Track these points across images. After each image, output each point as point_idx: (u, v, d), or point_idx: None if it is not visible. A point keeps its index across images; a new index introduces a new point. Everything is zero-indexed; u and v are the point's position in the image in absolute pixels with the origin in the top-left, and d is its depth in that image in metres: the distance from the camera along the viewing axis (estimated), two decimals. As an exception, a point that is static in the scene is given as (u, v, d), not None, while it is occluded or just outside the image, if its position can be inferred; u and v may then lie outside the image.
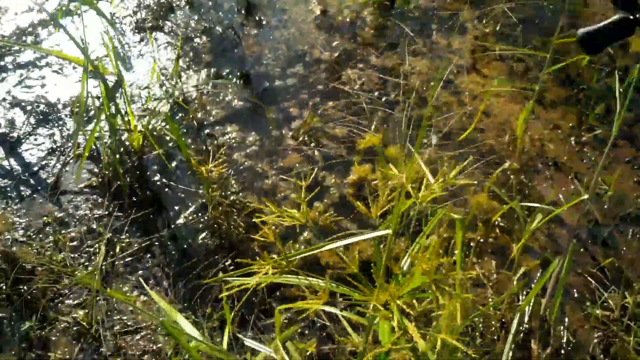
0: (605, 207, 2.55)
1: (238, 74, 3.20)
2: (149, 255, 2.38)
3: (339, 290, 1.03)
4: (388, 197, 1.00)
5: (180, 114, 2.94)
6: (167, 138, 2.80)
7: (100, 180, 2.59)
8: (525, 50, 3.18)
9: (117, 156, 2.48)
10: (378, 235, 1.01)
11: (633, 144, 2.85)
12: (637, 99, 3.10)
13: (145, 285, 2.08)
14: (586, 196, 1.79)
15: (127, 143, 2.69)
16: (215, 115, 2.96)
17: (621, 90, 1.77)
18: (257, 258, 1.02)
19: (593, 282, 2.27)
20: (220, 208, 2.42)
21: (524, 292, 2.24)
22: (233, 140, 2.83)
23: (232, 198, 2.54)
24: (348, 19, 3.65)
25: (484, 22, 3.58)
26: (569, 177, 2.68)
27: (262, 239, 1.02)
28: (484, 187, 2.48)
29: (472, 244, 2.38)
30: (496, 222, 2.46)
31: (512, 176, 2.64)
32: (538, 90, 2.41)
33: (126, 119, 2.57)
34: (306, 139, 2.84)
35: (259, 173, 2.68)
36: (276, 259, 0.99)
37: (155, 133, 2.76)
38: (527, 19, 3.56)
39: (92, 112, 2.92)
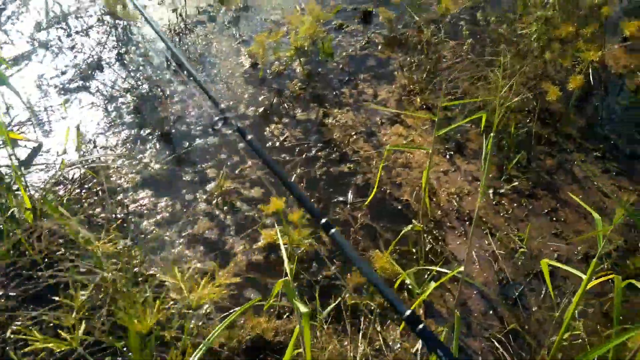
0: (519, 263, 2.49)
1: (158, 134, 3.16)
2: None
3: None
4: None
5: (94, 181, 2.89)
6: (77, 207, 2.75)
7: None
8: (421, 115, 3.15)
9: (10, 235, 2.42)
10: None
11: (553, 195, 2.79)
12: (560, 142, 3.07)
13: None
14: (462, 268, 1.72)
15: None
16: (130, 180, 2.91)
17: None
18: None
19: (499, 347, 2.20)
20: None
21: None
22: (144, 208, 2.78)
23: (135, 270, 2.48)
24: (277, 71, 3.64)
25: (413, 69, 3.56)
26: (484, 232, 2.63)
27: None
28: (388, 250, 2.42)
29: (378, 310, 2.31)
30: (405, 286, 2.40)
31: (424, 235, 2.59)
32: (431, 150, 2.37)
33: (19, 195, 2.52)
34: (219, 202, 2.79)
35: (167, 242, 2.63)
36: None
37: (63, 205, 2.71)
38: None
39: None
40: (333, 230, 1.46)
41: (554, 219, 2.68)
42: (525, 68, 2.96)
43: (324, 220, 1.49)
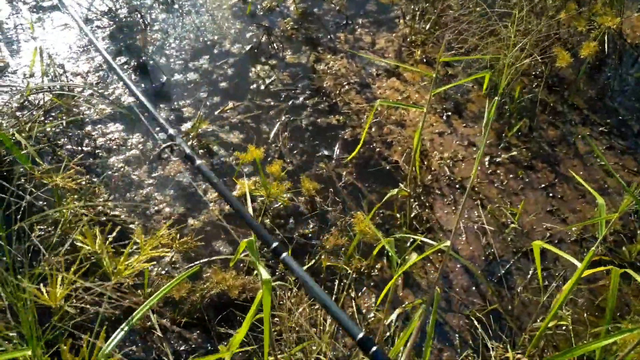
0: (509, 239, 2.32)
1: (134, 64, 2.90)
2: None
3: None
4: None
5: (60, 110, 2.65)
6: (41, 136, 2.53)
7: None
8: (413, 69, 2.91)
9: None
10: None
11: (553, 169, 2.61)
12: (565, 112, 2.86)
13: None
14: (448, 242, 1.53)
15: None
16: (100, 112, 2.68)
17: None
18: None
19: (479, 327, 2.05)
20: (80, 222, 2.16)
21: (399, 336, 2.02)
22: (113, 143, 2.56)
23: (99, 208, 2.29)
24: (268, 7, 3.35)
25: (416, 17, 3.29)
26: (475, 203, 2.45)
27: None
28: (370, 214, 2.23)
29: (354, 275, 2.15)
30: (385, 252, 2.23)
31: (411, 200, 2.40)
32: (426, 110, 2.15)
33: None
34: (194, 144, 2.57)
35: (135, 182, 2.42)
36: None
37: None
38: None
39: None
40: (284, 255, 1.47)
41: (551, 194, 2.50)
42: (540, 27, 2.71)
43: (275, 245, 1.50)
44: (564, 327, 1.99)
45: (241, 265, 2.16)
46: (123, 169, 2.45)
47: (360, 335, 1.26)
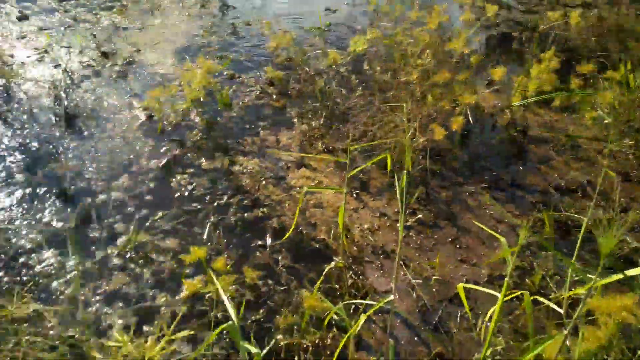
0: (434, 290, 2.65)
1: (56, 191, 2.99)
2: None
3: None
4: None
5: (-12, 245, 2.66)
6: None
7: None
8: (327, 157, 3.34)
9: None
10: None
11: (454, 224, 3.03)
12: (450, 176, 3.35)
13: None
14: (392, 297, 1.82)
15: None
16: (32, 240, 2.72)
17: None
18: None
19: (430, 372, 2.31)
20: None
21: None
22: (52, 268, 2.60)
23: (51, 333, 2.30)
24: (175, 123, 3.62)
25: (310, 115, 3.73)
26: (399, 263, 2.78)
27: None
28: (314, 289, 2.47)
29: (311, 348, 2.33)
30: (333, 322, 2.45)
31: (344, 270, 2.68)
32: (345, 191, 2.50)
33: None
34: (134, 256, 2.69)
35: (83, 300, 2.47)
36: None
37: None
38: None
39: None
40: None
41: (458, 245, 2.91)
42: (424, 111, 3.24)
43: None
44: (497, 357, 2.31)
45: None
46: (66, 291, 2.49)
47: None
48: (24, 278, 2.54)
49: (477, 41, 4.23)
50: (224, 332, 2.33)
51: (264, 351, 2.21)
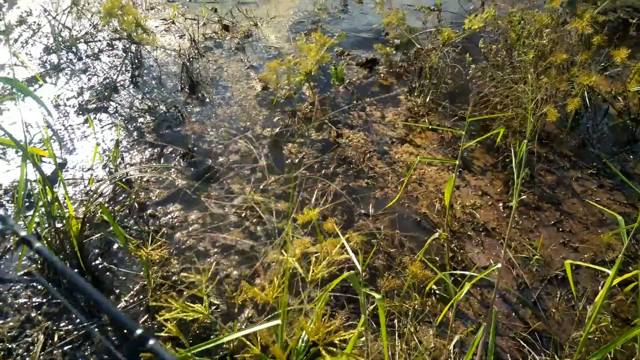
0: (534, 270, 2.69)
1: (181, 152, 3.28)
2: (87, 342, 2.37)
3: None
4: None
5: (123, 195, 2.98)
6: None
7: (39, 267, 2.58)
8: (444, 128, 3.39)
9: (57, 242, 2.50)
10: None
11: (557, 208, 3.03)
12: (557, 160, 3.32)
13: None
14: (499, 265, 1.90)
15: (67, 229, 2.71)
16: (158, 195, 3.02)
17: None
18: None
19: (526, 346, 2.37)
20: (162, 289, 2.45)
21: None
22: (176, 220, 2.88)
23: (173, 278, 2.57)
24: (287, 95, 3.82)
25: (415, 94, 3.80)
26: (499, 241, 2.83)
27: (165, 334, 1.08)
28: (417, 256, 2.59)
29: (409, 312, 2.46)
30: (432, 291, 2.56)
31: (445, 244, 2.77)
32: (458, 163, 2.57)
33: (64, 205, 2.60)
34: (248, 214, 2.92)
35: (201, 252, 2.73)
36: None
37: (96, 217, 2.79)
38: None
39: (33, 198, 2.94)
40: (152, 342, 1.11)
41: (560, 229, 2.90)
42: (551, 83, 3.25)
43: (139, 332, 1.11)
44: (594, 337, 2.33)
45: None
46: (188, 242, 2.76)
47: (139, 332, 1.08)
48: (152, 228, 2.84)
49: (600, 21, 4.06)
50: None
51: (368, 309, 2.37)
